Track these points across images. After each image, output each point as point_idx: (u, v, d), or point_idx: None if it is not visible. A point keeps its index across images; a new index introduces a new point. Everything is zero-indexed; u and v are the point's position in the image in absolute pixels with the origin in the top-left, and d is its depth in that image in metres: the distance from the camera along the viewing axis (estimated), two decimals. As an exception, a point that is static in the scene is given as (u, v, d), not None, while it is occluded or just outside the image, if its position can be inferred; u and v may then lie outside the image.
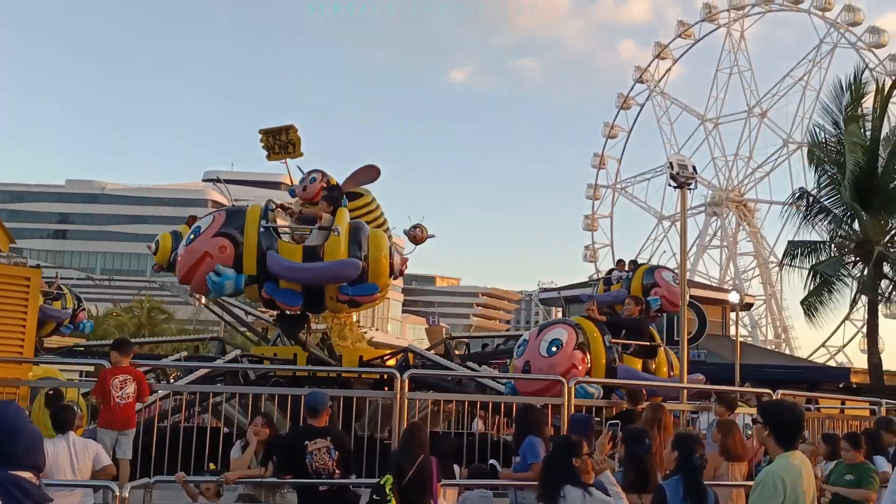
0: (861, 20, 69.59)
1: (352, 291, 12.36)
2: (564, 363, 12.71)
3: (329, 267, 12.06)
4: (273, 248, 12.07)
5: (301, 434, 8.57)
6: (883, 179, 26.01)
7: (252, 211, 12.46)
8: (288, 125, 16.26)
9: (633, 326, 13.82)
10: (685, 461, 6.32)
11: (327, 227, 12.32)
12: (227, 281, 11.91)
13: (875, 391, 22.37)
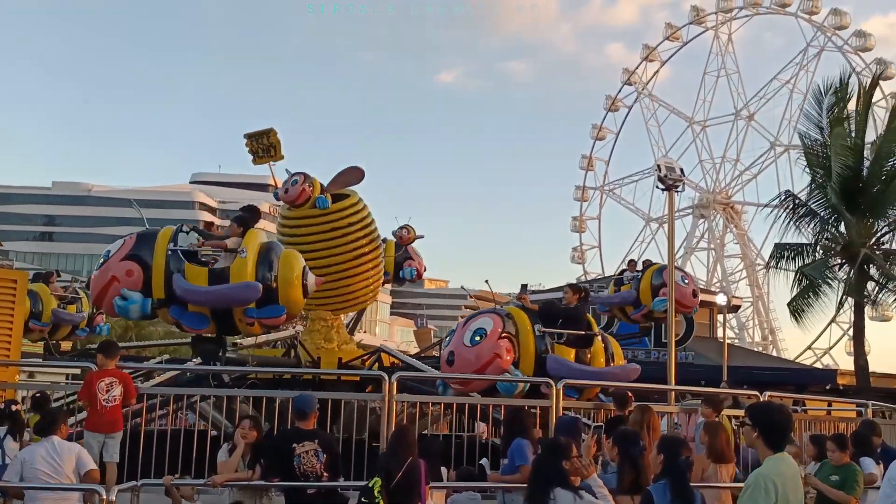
0: (848, 24, 70.04)
1: (256, 314, 12.31)
2: (487, 353, 12.28)
3: (227, 290, 12.09)
4: (180, 271, 12.14)
5: (289, 437, 8.56)
6: (868, 182, 26.15)
7: (163, 234, 12.54)
8: (268, 129, 16.24)
9: (569, 315, 13.18)
10: (671, 464, 6.33)
11: (234, 250, 12.33)
12: (132, 305, 12.01)
13: (861, 393, 22.49)
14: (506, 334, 12.59)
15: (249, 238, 12.52)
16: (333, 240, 15.77)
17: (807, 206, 27.04)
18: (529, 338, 12.69)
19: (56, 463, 8.05)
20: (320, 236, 15.74)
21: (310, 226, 15.72)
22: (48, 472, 8.00)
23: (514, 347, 12.56)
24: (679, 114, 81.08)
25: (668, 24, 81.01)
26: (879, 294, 26.53)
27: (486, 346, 12.38)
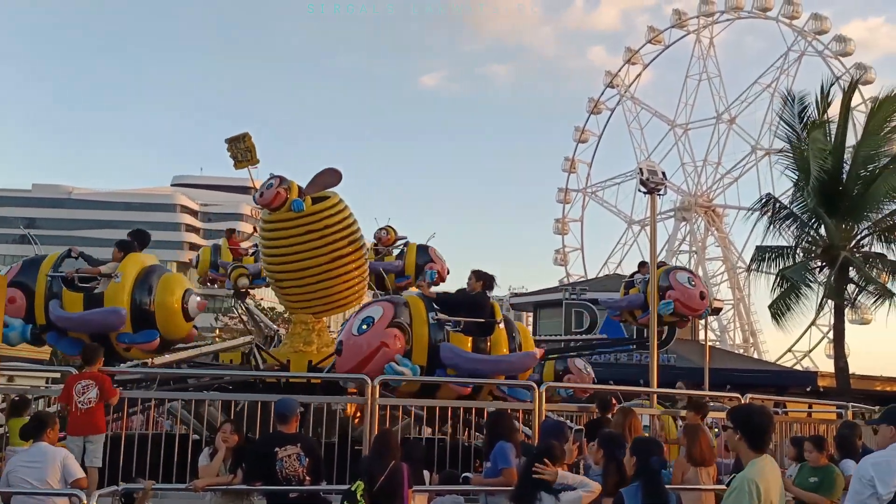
0: (828, 29, 70.56)
1: (129, 339, 12.31)
2: (374, 341, 11.75)
3: (91, 316, 12.09)
4: (58, 297, 12.15)
5: (271, 441, 8.54)
6: (847, 185, 26.37)
7: (48, 259, 12.57)
8: (243, 133, 16.32)
9: (471, 303, 12.65)
10: (643, 466, 6.35)
11: (108, 274, 12.37)
12: (11, 332, 11.92)
13: (842, 395, 22.65)
14: (396, 322, 12.04)
15: (128, 262, 12.57)
16: (309, 242, 15.67)
17: (787, 210, 27.23)
18: (423, 326, 12.19)
19: (40, 470, 7.90)
20: (296, 239, 15.69)
21: (286, 229, 15.60)
22: (30, 480, 7.86)
23: (405, 336, 12.00)
24: (661, 117, 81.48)
25: (650, 28, 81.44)
26: (859, 296, 26.74)
27: (372, 335, 11.86)
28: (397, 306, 12.43)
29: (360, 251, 16.12)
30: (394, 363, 11.35)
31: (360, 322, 12.20)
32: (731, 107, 77.68)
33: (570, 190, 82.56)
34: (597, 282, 53.13)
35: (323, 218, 15.50)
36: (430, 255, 20.27)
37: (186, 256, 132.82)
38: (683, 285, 17.99)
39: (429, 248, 20.62)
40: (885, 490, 5.77)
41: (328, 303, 16.57)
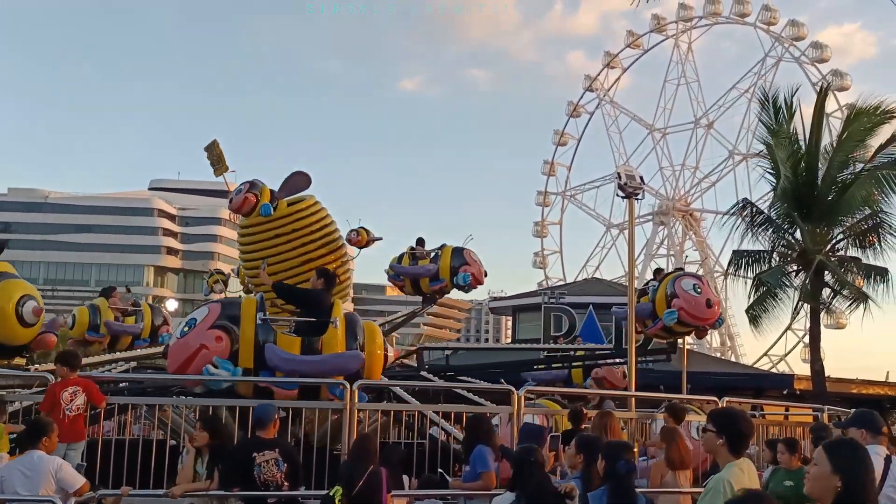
0: (805, 35, 71.14)
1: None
2: (194, 343, 11.38)
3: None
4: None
5: (249, 446, 8.52)
6: (822, 191, 26.61)
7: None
8: (212, 140, 16.41)
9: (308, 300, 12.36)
10: (609, 469, 6.37)
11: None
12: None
13: (818, 397, 22.80)
14: (220, 324, 11.61)
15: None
16: (279, 246, 15.76)
17: (764, 214, 27.42)
18: (251, 327, 11.78)
19: (32, 480, 7.71)
20: (267, 243, 15.81)
21: (257, 234, 15.69)
22: (20, 491, 7.67)
23: (229, 337, 11.51)
24: (640, 121, 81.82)
25: (629, 32, 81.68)
26: (834, 300, 26.95)
27: (193, 337, 11.48)
28: (225, 307, 12.15)
29: (335, 254, 16.08)
30: (210, 366, 11.07)
31: (184, 324, 11.94)
32: (709, 112, 78.18)
33: (550, 193, 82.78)
34: (576, 285, 53.20)
35: (291, 221, 15.58)
36: (465, 258, 19.77)
37: (164, 261, 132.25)
38: (688, 293, 17.16)
39: (464, 251, 20.10)
40: None
41: None
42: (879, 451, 6.10)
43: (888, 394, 39.63)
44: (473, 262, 19.88)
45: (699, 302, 17.30)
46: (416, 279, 19.63)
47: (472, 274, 19.57)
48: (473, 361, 23.79)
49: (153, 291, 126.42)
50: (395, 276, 20.19)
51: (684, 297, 17.08)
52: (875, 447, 6.13)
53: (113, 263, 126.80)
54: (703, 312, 17.41)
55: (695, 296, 17.17)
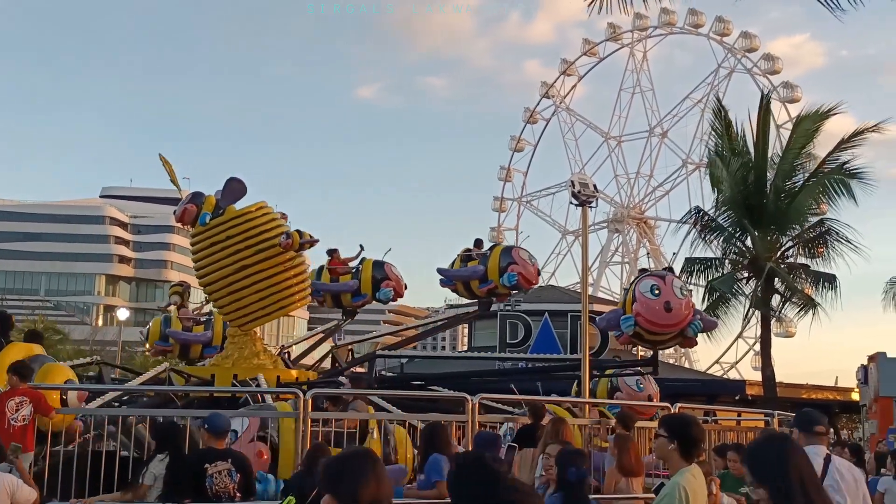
0: (757, 47, 72.37)
1: None
2: None
3: None
4: None
5: (201, 457, 8.40)
6: (771, 199, 27.04)
7: None
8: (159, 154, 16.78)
9: None
10: (561, 476, 6.38)
11: None
12: None
13: (769, 403, 23.11)
14: None
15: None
16: (214, 254, 16.03)
17: (715, 221, 27.79)
18: None
19: None
20: (205, 252, 16.19)
21: (198, 243, 16.14)
22: None
23: None
24: (595, 128, 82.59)
25: (585, 40, 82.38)
26: (784, 306, 27.38)
27: None
28: None
29: (272, 260, 16.01)
30: None
31: None
32: (664, 121, 79.19)
33: (506, 199, 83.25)
34: (531, 293, 53.27)
35: (226, 229, 15.73)
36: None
37: (116, 269, 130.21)
38: (645, 296, 15.35)
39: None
40: None
41: (243, 314, 16.57)
42: (819, 451, 6.15)
43: (837, 398, 40.40)
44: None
45: (653, 306, 15.22)
46: (466, 282, 19.14)
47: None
48: (430, 370, 23.72)
49: (104, 301, 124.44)
50: (447, 280, 19.77)
51: (642, 301, 15.27)
52: (814, 447, 6.17)
53: (63, 272, 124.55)
54: (661, 318, 15.31)
55: (650, 299, 15.13)
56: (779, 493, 3.45)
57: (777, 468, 3.52)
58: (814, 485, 3.54)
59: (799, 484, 3.45)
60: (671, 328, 15.65)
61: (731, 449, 9.81)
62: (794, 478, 3.47)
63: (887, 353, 29.05)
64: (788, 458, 3.54)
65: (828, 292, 26.27)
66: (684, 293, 15.79)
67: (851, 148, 27.04)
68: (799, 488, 3.44)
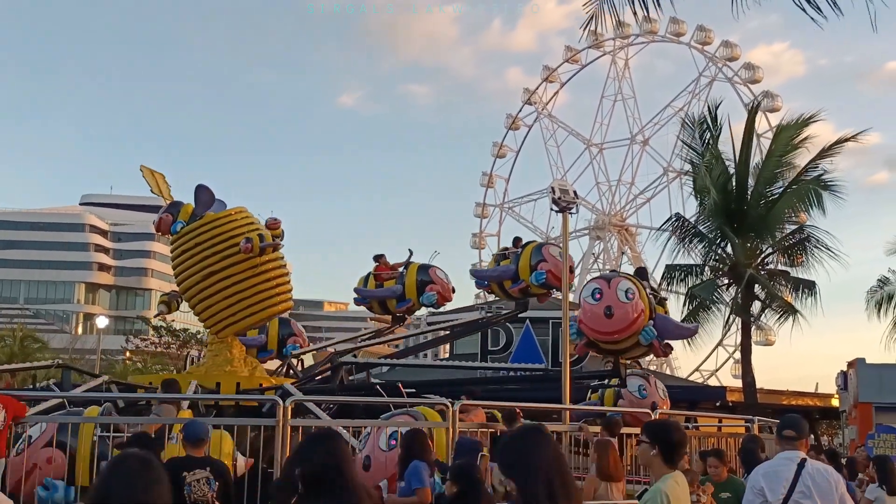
0: (738, 56, 72.81)
1: None
2: None
3: None
4: None
5: (179, 464, 8.32)
6: (751, 206, 27.22)
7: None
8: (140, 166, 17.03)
9: None
10: None
11: None
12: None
13: (749, 409, 23.20)
14: None
15: None
16: (185, 262, 16.16)
17: (696, 228, 27.92)
18: None
19: None
20: (178, 260, 16.30)
21: (173, 251, 16.39)
22: None
23: None
24: (577, 135, 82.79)
25: (567, 47, 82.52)
26: (764, 313, 27.51)
27: None
28: None
29: (238, 266, 15.99)
30: None
31: None
32: (645, 128, 79.50)
33: (488, 205, 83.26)
34: (513, 300, 53.38)
35: (192, 238, 15.92)
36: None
37: (95, 277, 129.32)
38: (587, 302, 15.26)
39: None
40: (773, 498, 6.04)
41: (217, 321, 16.57)
42: (794, 456, 6.18)
43: (817, 404, 40.64)
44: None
45: (595, 312, 14.93)
46: (500, 282, 18.91)
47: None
48: (408, 377, 23.60)
49: (84, 309, 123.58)
50: (480, 281, 19.57)
51: (584, 306, 15.31)
52: (790, 453, 6.21)
53: (42, 280, 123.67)
54: (602, 324, 14.96)
55: (592, 304, 14.89)
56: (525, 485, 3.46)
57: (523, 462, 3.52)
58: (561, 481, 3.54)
59: (545, 478, 3.45)
60: (615, 335, 14.97)
61: (712, 454, 9.84)
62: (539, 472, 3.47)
63: (866, 359, 29.28)
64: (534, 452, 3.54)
65: (807, 299, 26.46)
66: (630, 296, 14.92)
67: (831, 156, 27.32)
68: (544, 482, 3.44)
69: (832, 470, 6.35)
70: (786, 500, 5.98)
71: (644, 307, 15.12)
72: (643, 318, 15.05)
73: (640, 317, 14.96)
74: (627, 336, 14.96)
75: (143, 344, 67.24)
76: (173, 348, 60.37)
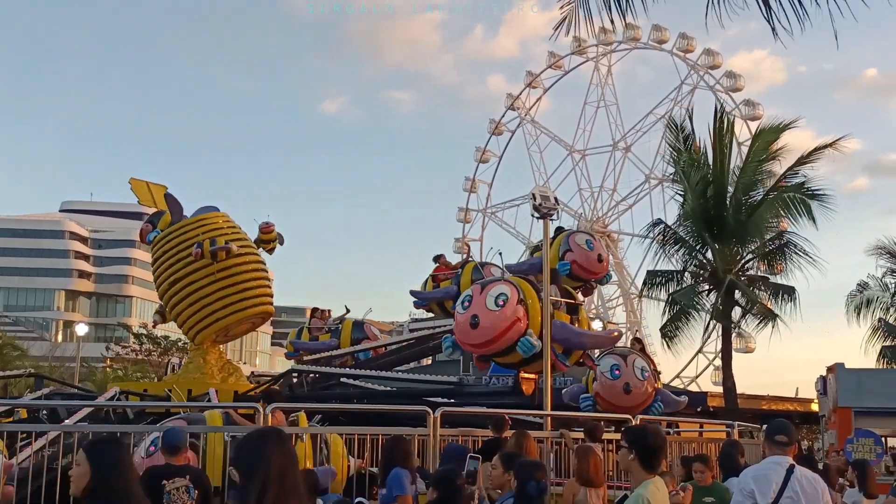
0: (720, 64, 73.27)
1: None
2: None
3: None
4: None
5: (158, 473, 8.28)
6: (731, 212, 27.39)
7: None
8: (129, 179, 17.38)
9: None
10: (521, 489, 6.37)
11: None
12: None
13: (730, 414, 23.31)
14: None
15: None
16: (156, 270, 16.49)
17: (676, 234, 28.06)
18: None
19: None
20: (153, 268, 16.70)
21: (151, 259, 16.81)
22: None
23: None
24: (560, 141, 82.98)
25: (550, 53, 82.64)
26: (744, 318, 27.68)
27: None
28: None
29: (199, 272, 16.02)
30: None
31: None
32: (627, 135, 79.78)
33: (471, 210, 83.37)
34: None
35: (161, 246, 16.17)
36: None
37: (75, 284, 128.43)
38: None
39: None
40: (763, 500, 6.07)
41: (189, 327, 16.61)
42: (782, 461, 6.23)
43: (798, 409, 40.89)
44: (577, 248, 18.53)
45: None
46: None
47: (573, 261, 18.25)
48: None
49: (64, 316, 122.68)
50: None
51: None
52: (779, 457, 6.26)
53: (22, 287, 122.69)
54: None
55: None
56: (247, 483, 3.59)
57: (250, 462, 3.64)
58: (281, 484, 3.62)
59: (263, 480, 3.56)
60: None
61: (697, 460, 9.88)
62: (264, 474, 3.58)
63: (845, 364, 29.45)
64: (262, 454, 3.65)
65: (787, 304, 26.65)
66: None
67: (810, 163, 27.53)
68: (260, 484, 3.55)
69: (819, 478, 6.42)
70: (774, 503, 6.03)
71: (523, 315, 14.38)
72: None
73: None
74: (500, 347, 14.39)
75: (123, 351, 66.82)
76: (154, 355, 60.05)
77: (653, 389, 15.60)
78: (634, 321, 75.40)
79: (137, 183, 17.38)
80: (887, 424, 26.45)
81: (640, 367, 15.47)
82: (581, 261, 17.33)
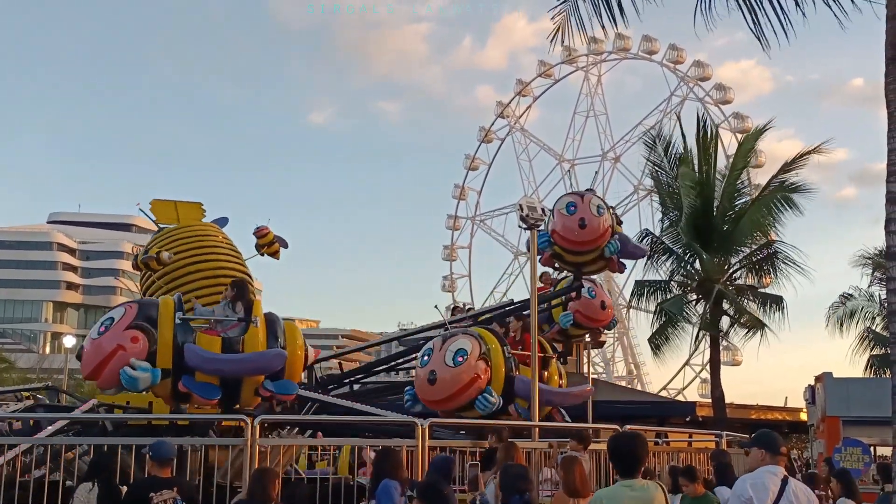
0: (710, 76, 73.58)
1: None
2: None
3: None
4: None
5: (145, 485, 8.25)
6: (717, 220, 27.50)
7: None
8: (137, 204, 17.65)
9: None
10: (507, 501, 6.38)
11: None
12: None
13: (718, 424, 23.36)
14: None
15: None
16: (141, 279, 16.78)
17: (664, 244, 28.13)
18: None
19: None
20: None
21: None
22: None
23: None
24: (549, 150, 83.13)
25: (541, 62, 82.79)
26: (732, 328, 27.75)
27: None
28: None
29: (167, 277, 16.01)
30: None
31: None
32: (616, 146, 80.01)
33: (460, 217, 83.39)
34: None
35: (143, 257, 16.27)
36: None
37: (63, 296, 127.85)
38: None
39: None
40: None
41: None
42: (777, 471, 6.34)
43: (786, 418, 40.93)
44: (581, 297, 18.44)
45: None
46: None
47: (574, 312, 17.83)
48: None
49: (52, 328, 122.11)
50: None
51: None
52: (773, 467, 6.35)
53: (10, 299, 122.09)
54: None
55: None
56: None
57: None
58: None
59: None
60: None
61: (683, 474, 9.91)
62: None
63: (833, 373, 29.53)
64: None
65: (775, 313, 26.72)
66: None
67: (795, 170, 27.65)
68: None
69: (810, 490, 6.58)
70: None
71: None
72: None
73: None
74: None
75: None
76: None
77: (607, 229, 16.60)
78: (623, 330, 75.51)
79: (161, 204, 17.35)
80: (875, 433, 26.49)
81: (596, 205, 16.57)
82: (584, 309, 17.35)
